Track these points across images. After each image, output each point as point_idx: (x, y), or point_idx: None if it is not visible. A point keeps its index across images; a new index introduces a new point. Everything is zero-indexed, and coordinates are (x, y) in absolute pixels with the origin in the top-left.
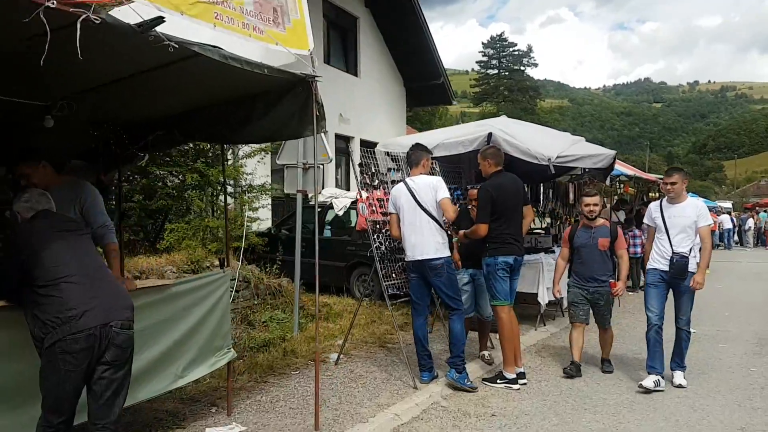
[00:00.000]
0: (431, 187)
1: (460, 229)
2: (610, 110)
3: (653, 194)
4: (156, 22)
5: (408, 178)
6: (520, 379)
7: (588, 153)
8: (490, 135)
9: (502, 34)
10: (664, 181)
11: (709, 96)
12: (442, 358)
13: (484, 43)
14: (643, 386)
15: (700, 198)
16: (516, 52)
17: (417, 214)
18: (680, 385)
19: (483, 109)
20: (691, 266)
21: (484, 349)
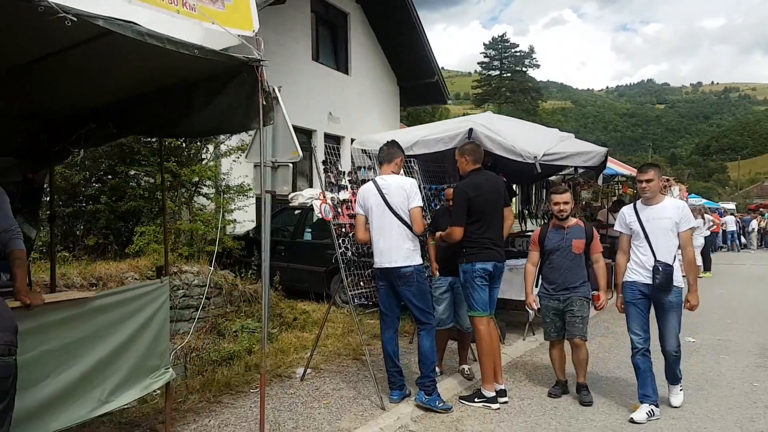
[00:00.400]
0: (403, 189)
1: (438, 231)
2: (613, 111)
3: None
4: None
5: (378, 177)
6: (501, 397)
7: (577, 150)
8: (471, 131)
9: (504, 35)
10: (638, 178)
11: (712, 97)
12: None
13: (485, 44)
14: (634, 420)
15: (702, 199)
16: (518, 53)
17: (386, 217)
18: (676, 406)
19: (484, 110)
20: (676, 277)
21: (464, 362)
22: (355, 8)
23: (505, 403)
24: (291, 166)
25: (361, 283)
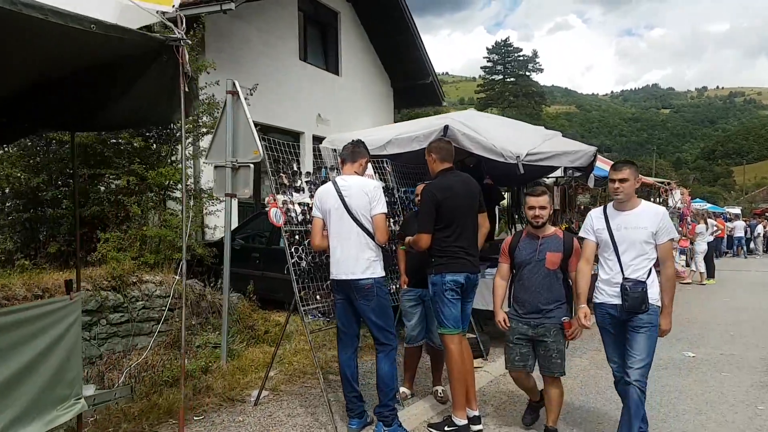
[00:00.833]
0: (365, 193)
1: (407, 235)
2: (618, 116)
3: (653, 199)
4: None
5: (338, 177)
6: (474, 425)
7: (563, 150)
8: (446, 128)
9: (507, 40)
10: (611, 177)
11: (717, 102)
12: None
13: (488, 49)
14: None
15: (706, 204)
16: (521, 58)
17: (345, 223)
18: None
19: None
20: (651, 296)
21: (438, 383)
22: (346, 7)
23: (479, 431)
24: (252, 166)
25: (318, 297)
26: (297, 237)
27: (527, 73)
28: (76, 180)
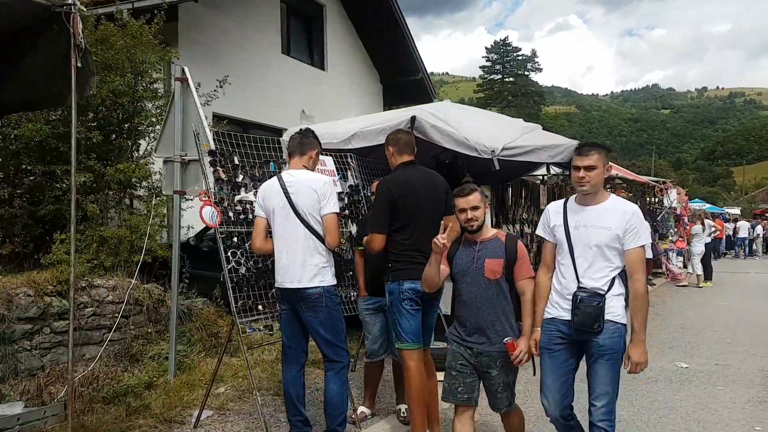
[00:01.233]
0: (314, 190)
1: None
2: (618, 116)
3: (650, 198)
4: None
5: (284, 172)
6: None
7: (543, 144)
8: (414, 119)
9: (506, 39)
10: (575, 163)
11: (717, 102)
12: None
13: (487, 48)
14: None
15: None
16: (520, 57)
17: (290, 224)
18: None
19: None
20: (610, 311)
21: (402, 401)
22: (332, 0)
23: None
24: (207, 161)
25: (260, 307)
26: (236, 239)
27: (526, 73)
28: None
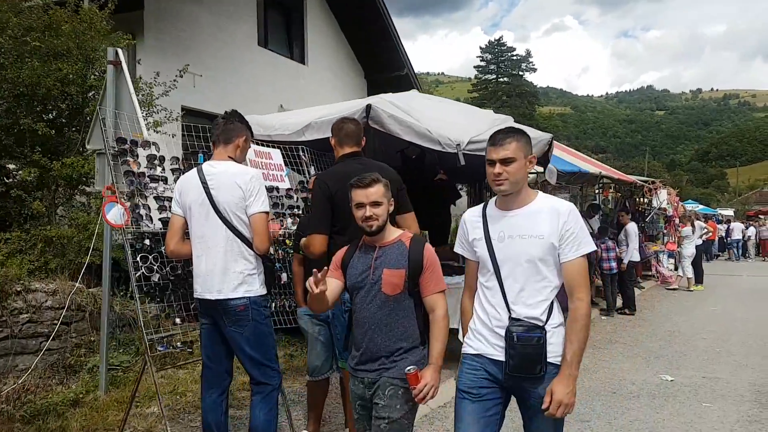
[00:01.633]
0: (238, 185)
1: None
2: (613, 118)
3: (638, 198)
4: None
5: (206, 163)
6: None
7: None
8: (369, 108)
9: (501, 39)
10: (489, 156)
11: (712, 104)
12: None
13: (481, 48)
14: None
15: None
16: (514, 57)
17: (210, 224)
18: None
19: None
20: (552, 351)
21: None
22: None
23: None
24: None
25: (178, 320)
26: (148, 242)
27: (520, 73)
28: None
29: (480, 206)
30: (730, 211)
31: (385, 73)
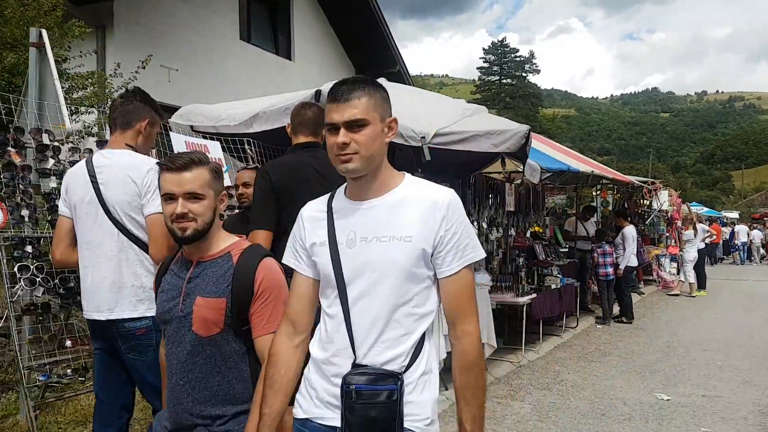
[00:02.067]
0: (131, 179)
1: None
2: (618, 120)
3: (638, 200)
4: None
5: (97, 153)
6: None
7: (485, 129)
8: (318, 93)
9: (504, 40)
10: (329, 117)
11: (717, 106)
12: None
13: (484, 49)
14: None
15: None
16: (518, 59)
17: (99, 227)
18: None
19: None
20: (412, 412)
21: None
22: None
23: None
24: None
25: (68, 343)
26: (30, 248)
27: (524, 75)
28: None
29: (326, 197)
30: (735, 214)
31: (377, 71)
